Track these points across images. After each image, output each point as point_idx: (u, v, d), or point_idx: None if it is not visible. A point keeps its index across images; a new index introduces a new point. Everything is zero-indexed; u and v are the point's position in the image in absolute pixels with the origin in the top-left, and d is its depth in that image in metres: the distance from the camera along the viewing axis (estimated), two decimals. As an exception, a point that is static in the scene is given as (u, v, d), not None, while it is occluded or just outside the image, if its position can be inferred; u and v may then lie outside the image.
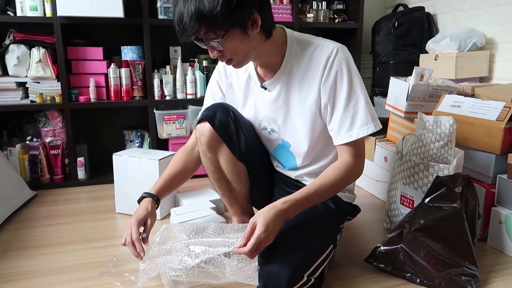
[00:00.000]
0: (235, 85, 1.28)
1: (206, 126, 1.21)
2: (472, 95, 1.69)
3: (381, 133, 1.95)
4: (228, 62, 1.07)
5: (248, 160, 1.28)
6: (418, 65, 2.25)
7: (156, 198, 1.23)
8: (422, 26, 2.39)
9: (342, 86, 1.08)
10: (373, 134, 1.92)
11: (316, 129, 1.16)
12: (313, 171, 1.25)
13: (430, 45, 2.19)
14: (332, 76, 1.08)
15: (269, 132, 1.25)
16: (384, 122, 1.92)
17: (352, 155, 1.11)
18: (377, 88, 2.56)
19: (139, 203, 1.23)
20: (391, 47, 2.42)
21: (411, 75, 1.69)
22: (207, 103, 1.35)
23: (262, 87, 1.18)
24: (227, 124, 1.21)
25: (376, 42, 2.52)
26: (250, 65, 1.20)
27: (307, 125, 1.16)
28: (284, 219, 1.02)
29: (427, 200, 1.25)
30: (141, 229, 1.17)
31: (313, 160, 1.24)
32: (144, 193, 1.24)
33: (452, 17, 2.29)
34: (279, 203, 1.02)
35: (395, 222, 1.49)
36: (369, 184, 1.97)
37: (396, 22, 2.36)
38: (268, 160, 1.36)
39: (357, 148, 1.11)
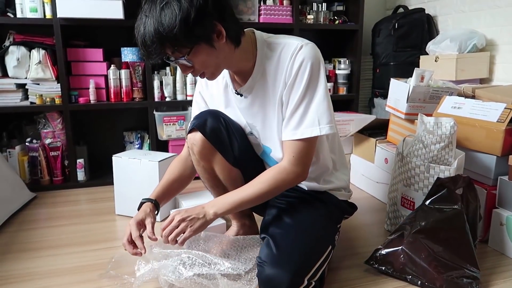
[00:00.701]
0: (215, 95, 1.26)
1: (197, 136, 1.20)
2: (473, 97, 1.69)
3: (381, 134, 1.96)
4: (202, 75, 1.05)
5: (243, 165, 1.27)
6: (418, 66, 2.25)
7: (155, 202, 1.22)
8: (422, 28, 2.39)
9: (300, 83, 1.05)
10: (373, 136, 1.94)
11: None
12: None
13: (430, 46, 2.19)
14: (293, 72, 1.05)
15: (255, 137, 1.25)
16: (385, 123, 1.92)
17: (296, 157, 1.08)
18: (377, 90, 2.56)
19: (138, 210, 1.22)
20: (391, 48, 2.42)
21: (411, 76, 1.69)
22: (194, 113, 1.32)
23: (237, 93, 1.17)
24: (219, 131, 1.20)
25: (376, 44, 2.52)
26: (226, 73, 1.19)
27: (278, 129, 1.14)
28: (206, 222, 1.09)
29: (428, 202, 1.25)
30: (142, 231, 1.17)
31: None
32: (143, 199, 1.24)
33: (452, 18, 2.29)
34: (208, 209, 1.09)
35: (396, 224, 1.49)
36: (370, 186, 1.96)
37: (396, 24, 2.37)
38: (263, 164, 1.35)
39: (300, 148, 1.08)
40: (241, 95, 1.17)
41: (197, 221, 1.07)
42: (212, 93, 1.27)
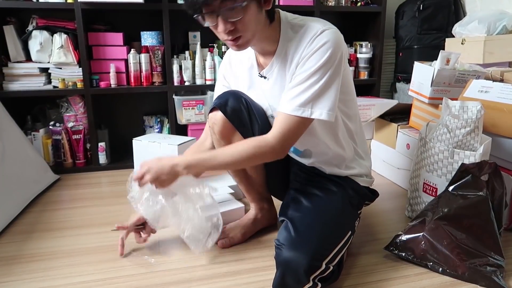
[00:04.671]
0: (240, 75, 1.25)
1: (218, 115, 1.20)
2: (501, 80, 1.62)
3: (403, 120, 1.91)
4: (236, 40, 1.02)
5: None
6: (443, 49, 2.17)
7: None
8: (448, 9, 2.30)
9: (312, 63, 1.02)
10: (395, 121, 1.89)
11: None
12: (325, 160, 1.22)
13: (457, 28, 2.11)
14: (308, 53, 1.03)
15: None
16: (407, 108, 1.87)
17: (281, 133, 1.04)
18: (400, 74, 2.49)
19: None
20: (415, 31, 2.34)
21: (436, 60, 1.63)
22: (217, 94, 1.33)
23: (260, 75, 1.16)
24: (240, 111, 1.19)
25: (400, 26, 2.44)
26: (252, 54, 1.18)
27: None
28: (175, 174, 1.10)
29: (451, 188, 1.21)
30: None
31: (316, 146, 1.19)
32: None
33: (481, -1, 2.20)
34: (180, 168, 1.09)
35: (417, 210, 1.46)
36: (391, 172, 1.93)
37: (421, 5, 2.29)
38: None
39: (288, 125, 1.04)
40: (264, 77, 1.16)
41: (167, 179, 1.11)
42: (236, 74, 1.27)
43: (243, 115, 1.20)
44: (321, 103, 1.03)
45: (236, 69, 1.26)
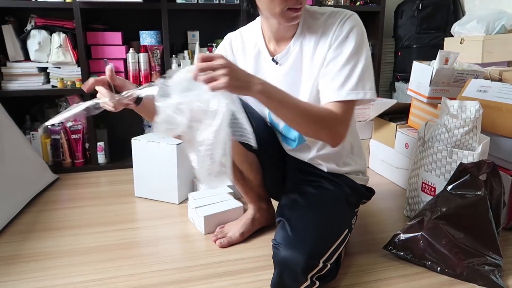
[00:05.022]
0: (241, 62, 1.23)
1: None
2: (500, 80, 1.63)
3: (402, 119, 1.91)
4: (298, 10, 1.01)
5: (259, 149, 1.25)
6: (442, 49, 2.17)
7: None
8: (447, 9, 2.30)
9: (346, 46, 1.03)
10: (394, 120, 1.90)
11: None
12: (324, 154, 1.21)
13: (455, 28, 2.11)
14: (341, 35, 1.04)
15: None
16: (406, 108, 1.88)
17: (340, 113, 1.02)
18: (398, 74, 2.49)
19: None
20: (414, 30, 2.34)
21: (435, 59, 1.63)
22: None
23: (274, 61, 1.16)
24: None
25: (399, 26, 2.44)
26: (260, 41, 1.18)
27: (318, 95, 1.11)
28: (249, 90, 0.91)
29: (449, 187, 1.21)
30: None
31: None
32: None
33: (480, -2, 2.20)
34: (257, 82, 0.92)
35: (416, 209, 1.46)
36: (389, 171, 1.93)
37: (420, 5, 2.29)
38: (279, 148, 1.33)
39: (345, 110, 1.02)
40: (276, 63, 1.15)
41: (238, 83, 0.89)
42: (238, 60, 1.24)
43: None
44: (366, 84, 1.03)
45: (238, 56, 1.25)
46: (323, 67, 1.07)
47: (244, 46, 1.22)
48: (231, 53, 1.25)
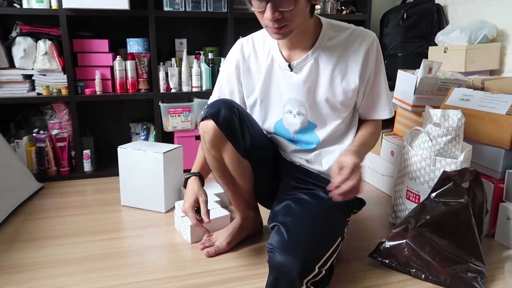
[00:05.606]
0: (253, 68, 1.26)
1: (209, 124, 1.19)
2: (482, 89, 1.66)
3: (388, 127, 1.94)
4: (280, 29, 1.04)
5: (253, 157, 1.26)
6: (427, 57, 2.21)
7: (199, 175, 1.29)
8: (431, 18, 2.34)
9: (381, 73, 1.21)
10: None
11: (344, 111, 1.22)
12: (331, 151, 1.26)
13: (439, 37, 2.15)
14: (373, 63, 1.17)
15: (294, 115, 1.24)
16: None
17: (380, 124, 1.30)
18: (384, 81, 2.52)
19: (185, 187, 1.28)
20: (399, 39, 2.38)
21: (419, 67, 1.66)
22: (216, 91, 1.36)
23: (290, 67, 1.18)
24: (232, 121, 1.19)
25: (384, 34, 2.48)
26: (274, 48, 1.21)
27: (338, 107, 1.21)
28: (359, 159, 1.08)
29: (433, 195, 1.23)
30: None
31: (332, 143, 1.27)
32: (186, 175, 1.29)
33: (463, 8, 2.24)
34: (349, 149, 1.14)
35: (401, 217, 1.48)
36: (375, 178, 1.95)
37: (405, 14, 2.32)
38: (273, 156, 1.34)
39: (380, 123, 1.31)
40: (291, 70, 1.18)
41: (359, 170, 1.07)
42: (249, 67, 1.27)
43: (234, 125, 1.19)
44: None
45: (250, 62, 1.26)
46: (361, 92, 1.21)
47: (256, 52, 1.25)
48: (243, 58, 1.27)
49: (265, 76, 1.24)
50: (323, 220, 1.13)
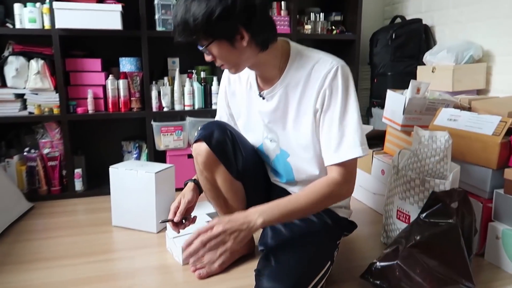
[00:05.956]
0: (238, 92, 1.29)
1: (203, 146, 1.21)
2: (469, 109, 1.69)
3: (378, 145, 1.96)
4: (222, 67, 1.10)
5: (245, 179, 1.27)
6: (415, 76, 2.26)
7: (195, 181, 1.30)
8: (419, 38, 2.39)
9: (336, 105, 1.07)
10: (370, 147, 1.94)
11: (312, 142, 1.15)
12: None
13: (427, 57, 2.20)
14: (327, 93, 1.07)
15: (270, 140, 1.26)
16: (382, 134, 1.93)
17: (341, 175, 1.08)
18: (375, 100, 2.56)
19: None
20: (388, 58, 2.42)
21: (408, 87, 1.69)
22: (217, 114, 1.40)
23: (260, 96, 1.20)
24: (224, 143, 1.21)
25: (374, 54, 2.52)
26: (252, 74, 1.22)
27: (304, 137, 1.15)
28: (253, 229, 1.02)
29: (423, 215, 1.25)
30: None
31: (311, 176, 1.21)
32: (186, 180, 1.33)
33: (450, 29, 2.30)
34: (254, 217, 1.01)
35: (392, 237, 1.49)
36: (367, 197, 1.96)
37: (394, 34, 2.37)
38: (265, 177, 1.36)
39: (347, 169, 1.08)
40: (263, 98, 1.19)
41: (241, 232, 1.01)
42: (234, 91, 1.30)
43: (227, 148, 1.21)
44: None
45: (234, 87, 1.30)
46: (319, 126, 1.11)
47: (240, 77, 1.26)
48: (228, 83, 1.31)
49: (247, 101, 1.26)
50: (312, 245, 1.13)
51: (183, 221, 1.24)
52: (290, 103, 1.15)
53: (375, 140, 2.03)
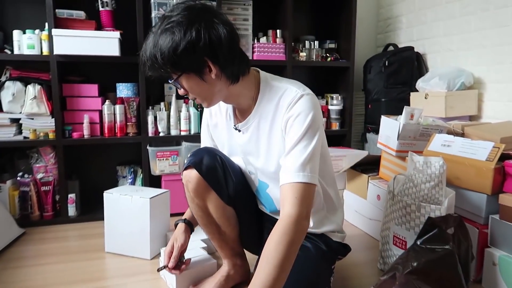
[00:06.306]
0: (219, 124, 1.30)
1: (193, 173, 1.21)
2: (462, 134, 1.71)
3: (374, 170, 1.97)
4: (196, 100, 1.11)
5: (237, 204, 1.27)
6: (409, 103, 2.29)
7: (187, 222, 1.34)
8: (412, 65, 2.44)
9: (297, 130, 1.05)
10: (366, 172, 1.95)
11: None
12: None
13: (420, 83, 2.24)
14: (290, 120, 1.07)
15: (249, 172, 1.27)
16: (377, 159, 1.93)
17: (296, 197, 1.01)
18: (369, 125, 2.59)
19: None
20: (382, 85, 2.46)
21: (402, 113, 1.71)
22: (201, 143, 1.39)
23: (236, 128, 1.20)
24: (215, 169, 1.21)
25: (368, 80, 2.57)
26: (230, 107, 1.23)
27: (278, 167, 1.13)
28: None
29: (419, 241, 1.24)
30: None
31: None
32: (176, 221, 1.37)
33: (441, 56, 2.36)
34: None
35: (389, 263, 1.47)
36: (363, 223, 1.95)
37: (387, 61, 2.42)
38: (256, 202, 1.35)
39: (299, 193, 1.01)
40: (239, 131, 1.19)
41: None
42: (216, 123, 1.30)
43: (218, 173, 1.21)
44: (311, 167, 1.03)
45: (215, 118, 1.30)
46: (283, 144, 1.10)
47: (220, 109, 1.27)
48: (210, 116, 1.31)
49: (227, 133, 1.27)
50: (307, 272, 1.12)
51: (178, 263, 1.28)
52: (261, 135, 1.16)
53: (370, 165, 2.04)
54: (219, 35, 1.00)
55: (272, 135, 1.13)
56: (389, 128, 1.75)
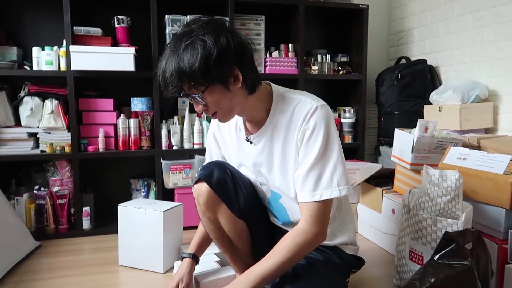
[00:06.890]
0: (227, 137, 1.30)
1: (203, 187, 1.21)
2: (478, 147, 1.69)
3: (388, 184, 1.95)
4: (214, 116, 1.10)
5: (248, 217, 1.27)
6: (422, 116, 2.27)
7: (193, 256, 1.35)
8: (425, 78, 2.43)
9: (315, 144, 1.07)
10: (380, 185, 1.93)
11: None
12: None
13: (433, 96, 2.23)
14: (307, 132, 1.08)
15: (260, 183, 1.27)
16: (391, 173, 1.92)
17: (313, 217, 1.07)
18: (383, 138, 2.57)
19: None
20: (395, 98, 2.46)
21: (415, 126, 1.70)
22: (206, 156, 1.40)
23: (248, 140, 1.20)
24: (225, 182, 1.21)
25: (381, 93, 2.56)
26: (240, 119, 1.23)
27: (292, 178, 1.15)
28: None
29: (436, 257, 1.21)
30: None
31: None
32: (183, 253, 1.37)
33: (454, 69, 2.34)
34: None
35: (405, 278, 1.44)
36: (378, 237, 1.92)
37: (399, 74, 2.42)
38: (268, 214, 1.35)
39: (318, 209, 1.07)
40: (251, 142, 1.19)
41: None
42: (224, 136, 1.31)
43: (228, 186, 1.21)
44: (342, 179, 1.08)
45: (224, 132, 1.31)
46: (298, 164, 1.11)
47: (229, 122, 1.26)
48: (218, 129, 1.32)
49: (237, 145, 1.27)
50: (322, 286, 1.10)
51: None
52: (275, 146, 1.16)
53: (384, 178, 2.02)
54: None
55: (287, 146, 1.14)
56: (403, 141, 1.74)
